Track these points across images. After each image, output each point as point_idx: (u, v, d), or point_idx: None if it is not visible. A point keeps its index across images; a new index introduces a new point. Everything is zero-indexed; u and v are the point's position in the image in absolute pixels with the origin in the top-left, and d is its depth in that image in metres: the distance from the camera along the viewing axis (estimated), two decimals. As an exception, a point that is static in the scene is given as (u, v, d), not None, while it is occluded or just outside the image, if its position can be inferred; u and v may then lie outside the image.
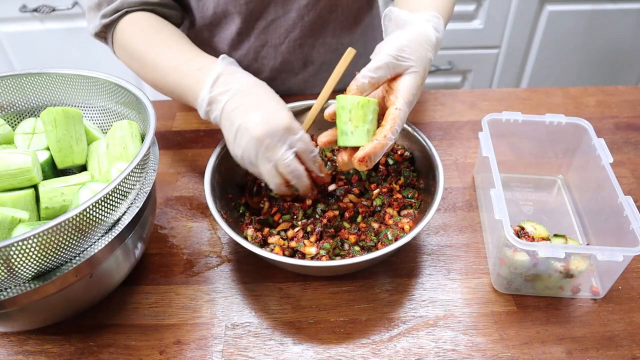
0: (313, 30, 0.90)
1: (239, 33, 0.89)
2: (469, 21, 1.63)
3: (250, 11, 0.86)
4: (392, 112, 0.59)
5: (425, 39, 0.63)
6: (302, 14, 0.87)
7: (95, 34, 0.82)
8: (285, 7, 0.86)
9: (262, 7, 0.86)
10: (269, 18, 0.87)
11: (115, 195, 0.53)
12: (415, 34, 0.63)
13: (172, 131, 0.92)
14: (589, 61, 1.75)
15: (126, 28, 0.78)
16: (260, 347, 0.61)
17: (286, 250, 0.66)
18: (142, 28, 0.77)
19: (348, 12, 0.91)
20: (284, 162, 0.62)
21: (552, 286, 0.64)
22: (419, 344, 0.60)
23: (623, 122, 0.91)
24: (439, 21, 0.67)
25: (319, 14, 0.88)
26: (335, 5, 0.89)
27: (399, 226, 0.68)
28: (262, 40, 0.90)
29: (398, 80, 0.60)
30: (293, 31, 0.90)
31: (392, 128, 0.58)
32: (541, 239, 0.65)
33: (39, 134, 0.68)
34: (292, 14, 0.87)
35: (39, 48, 1.62)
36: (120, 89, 0.68)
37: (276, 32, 0.89)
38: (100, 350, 0.61)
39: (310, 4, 0.86)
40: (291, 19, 0.88)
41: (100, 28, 0.80)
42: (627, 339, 0.60)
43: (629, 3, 1.60)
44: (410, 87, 0.60)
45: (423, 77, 0.62)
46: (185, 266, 0.70)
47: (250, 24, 0.88)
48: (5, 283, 0.49)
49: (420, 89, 0.62)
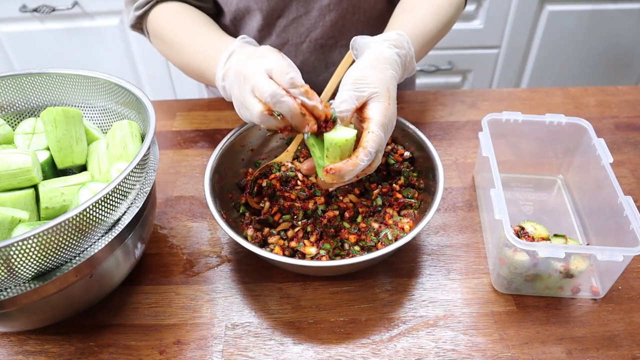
0: (334, 31, 0.91)
1: (260, 30, 0.90)
2: (469, 21, 1.63)
3: (271, 8, 0.86)
4: (365, 136, 0.59)
5: (382, 60, 0.63)
6: (323, 13, 0.88)
7: (131, 26, 0.87)
8: (307, 6, 0.87)
9: (284, 5, 0.86)
10: (290, 17, 0.88)
11: (115, 195, 0.53)
12: (370, 58, 0.63)
13: (172, 131, 0.92)
14: (589, 61, 1.75)
15: (157, 17, 0.83)
16: (260, 347, 0.61)
17: (286, 250, 0.66)
18: (171, 15, 0.81)
19: (370, 13, 0.91)
20: (258, 85, 0.58)
21: (552, 286, 0.64)
22: (419, 344, 0.60)
23: (623, 122, 0.91)
24: (399, 38, 0.68)
25: (340, 15, 0.89)
26: (357, 7, 0.89)
27: (399, 226, 0.68)
28: (283, 38, 0.91)
29: (366, 108, 0.61)
30: (314, 30, 0.90)
31: (365, 150, 0.57)
32: (541, 239, 0.65)
33: (39, 134, 0.68)
34: (313, 12, 0.88)
35: (39, 48, 1.62)
36: (120, 89, 0.68)
37: (297, 31, 0.90)
38: (100, 350, 0.61)
39: (332, 4, 0.87)
40: (312, 18, 0.88)
41: (135, 20, 0.85)
42: (627, 338, 0.60)
43: (629, 3, 1.60)
44: (377, 111, 0.60)
45: (389, 97, 0.61)
46: (185, 266, 0.70)
47: (271, 22, 0.89)
48: (5, 283, 0.49)
49: (391, 108, 0.61)
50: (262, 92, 0.58)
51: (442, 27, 0.78)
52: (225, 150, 0.73)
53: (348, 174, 0.56)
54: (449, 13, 0.78)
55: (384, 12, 0.93)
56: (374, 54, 0.64)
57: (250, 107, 0.59)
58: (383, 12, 0.93)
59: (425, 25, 0.74)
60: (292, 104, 0.57)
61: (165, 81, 1.73)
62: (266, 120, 0.59)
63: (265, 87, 0.57)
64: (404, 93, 0.99)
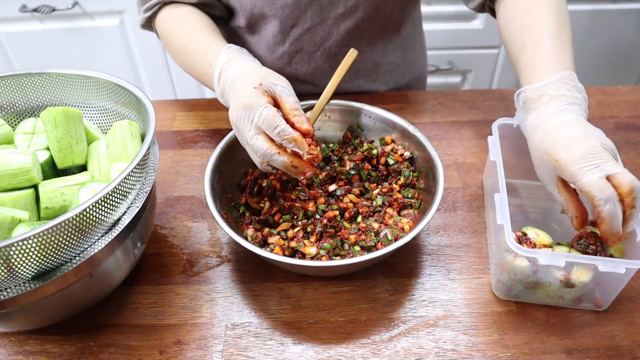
0: (348, 39, 0.90)
1: (274, 35, 0.90)
2: (469, 21, 1.63)
3: (286, 16, 0.86)
4: None
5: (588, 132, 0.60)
6: (338, 22, 0.87)
7: (141, 25, 0.89)
8: (322, 15, 0.86)
9: (299, 13, 0.86)
10: (305, 26, 0.88)
11: (115, 195, 0.53)
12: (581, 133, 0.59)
13: (172, 131, 0.92)
14: (589, 61, 1.75)
15: (163, 20, 0.85)
16: (260, 347, 0.61)
17: (286, 250, 0.66)
18: (177, 20, 0.83)
19: (385, 21, 0.91)
20: (251, 142, 0.62)
21: (552, 295, 0.62)
22: (419, 344, 0.60)
23: (623, 122, 0.91)
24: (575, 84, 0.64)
25: (355, 24, 0.88)
26: (372, 16, 0.88)
27: (399, 226, 0.68)
28: (297, 46, 0.91)
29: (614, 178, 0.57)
30: (328, 39, 0.90)
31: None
32: (543, 246, 0.63)
33: (39, 134, 0.68)
34: (328, 22, 0.87)
35: (39, 48, 1.62)
36: (120, 89, 0.68)
37: (312, 40, 0.90)
38: (100, 350, 0.61)
39: (348, 13, 0.86)
40: (327, 27, 0.88)
41: (145, 20, 0.88)
42: (627, 339, 0.60)
43: (629, 3, 1.60)
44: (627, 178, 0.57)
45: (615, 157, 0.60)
46: (185, 266, 0.70)
47: (285, 30, 0.88)
48: (5, 283, 0.49)
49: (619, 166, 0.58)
50: (255, 149, 0.62)
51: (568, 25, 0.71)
52: (225, 150, 0.72)
53: None
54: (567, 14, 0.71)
55: (399, 18, 0.92)
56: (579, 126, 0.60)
57: (251, 156, 0.65)
58: (398, 18, 0.92)
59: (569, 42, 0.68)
60: (283, 161, 0.61)
61: (165, 81, 1.73)
62: (266, 168, 0.65)
63: (256, 147, 0.62)
64: (405, 93, 0.99)
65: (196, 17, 0.83)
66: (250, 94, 0.62)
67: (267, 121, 0.60)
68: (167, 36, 0.84)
